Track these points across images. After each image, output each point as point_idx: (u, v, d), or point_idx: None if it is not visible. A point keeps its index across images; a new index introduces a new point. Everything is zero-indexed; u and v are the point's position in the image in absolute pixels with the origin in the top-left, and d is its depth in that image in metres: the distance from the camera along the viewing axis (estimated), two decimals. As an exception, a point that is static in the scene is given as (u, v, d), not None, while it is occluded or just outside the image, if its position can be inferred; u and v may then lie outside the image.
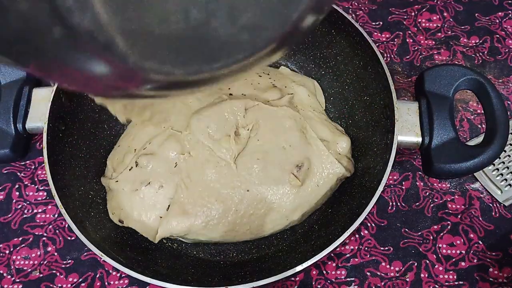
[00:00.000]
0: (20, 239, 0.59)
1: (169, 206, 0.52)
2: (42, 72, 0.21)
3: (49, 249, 0.58)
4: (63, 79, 0.22)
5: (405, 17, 0.71)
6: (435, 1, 0.72)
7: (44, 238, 0.59)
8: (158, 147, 0.55)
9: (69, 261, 0.57)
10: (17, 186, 0.62)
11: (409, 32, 0.70)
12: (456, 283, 0.55)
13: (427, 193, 0.60)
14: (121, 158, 0.57)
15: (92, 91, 0.24)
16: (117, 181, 0.54)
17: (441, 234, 0.58)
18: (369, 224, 0.59)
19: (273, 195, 0.53)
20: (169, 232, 0.52)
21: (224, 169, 0.53)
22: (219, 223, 0.52)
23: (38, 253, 0.58)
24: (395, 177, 0.61)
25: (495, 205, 0.59)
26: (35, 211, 0.60)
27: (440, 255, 0.57)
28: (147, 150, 0.55)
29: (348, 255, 0.57)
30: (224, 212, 0.52)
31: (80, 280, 0.56)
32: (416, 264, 0.56)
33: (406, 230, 0.58)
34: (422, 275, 0.56)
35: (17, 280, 0.56)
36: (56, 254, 0.58)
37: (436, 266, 0.56)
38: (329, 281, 0.56)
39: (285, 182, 0.53)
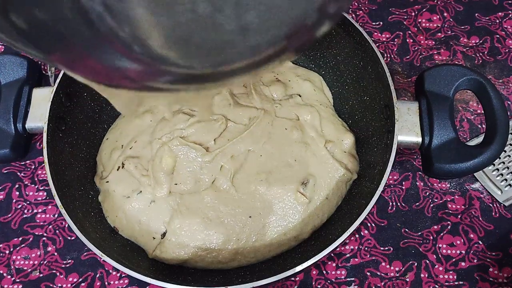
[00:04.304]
0: (20, 239, 0.59)
1: (164, 233, 0.51)
2: (65, 63, 0.22)
3: (49, 249, 0.58)
4: (84, 70, 0.23)
5: (405, 17, 0.71)
6: (435, 1, 0.72)
7: (44, 238, 0.59)
8: (142, 149, 0.53)
9: (69, 261, 0.57)
10: (17, 186, 0.62)
11: (409, 32, 0.70)
12: (456, 283, 0.55)
13: (427, 193, 0.60)
14: (108, 153, 0.56)
15: (108, 82, 0.24)
16: (107, 181, 0.54)
17: (441, 234, 0.58)
18: (369, 224, 0.59)
19: (280, 219, 0.51)
20: (164, 260, 0.51)
21: (223, 193, 0.51)
22: (219, 255, 0.50)
23: (38, 253, 0.58)
24: (395, 177, 0.61)
25: (495, 205, 0.59)
26: (35, 211, 0.60)
27: (440, 255, 0.57)
28: (133, 151, 0.54)
29: (348, 255, 0.57)
30: (224, 243, 0.50)
31: (80, 280, 0.56)
32: (416, 264, 0.56)
33: (406, 230, 0.58)
34: (422, 275, 0.56)
35: (17, 280, 0.56)
36: (56, 254, 0.58)
37: (436, 266, 0.56)
38: (329, 281, 0.56)
39: (291, 202, 0.51)
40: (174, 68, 0.21)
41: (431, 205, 0.59)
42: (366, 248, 0.57)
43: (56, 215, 0.60)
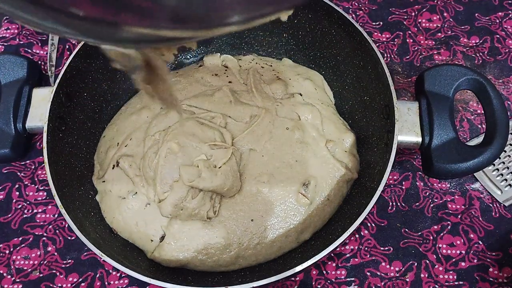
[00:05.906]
0: (20, 239, 0.59)
1: (163, 236, 0.50)
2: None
3: (49, 249, 0.58)
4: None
5: (405, 17, 0.71)
6: (435, 1, 0.72)
7: (44, 238, 0.59)
8: (137, 147, 0.52)
9: (69, 261, 0.57)
10: (17, 186, 0.62)
11: (409, 32, 0.70)
12: (456, 283, 0.55)
13: (427, 193, 0.60)
14: (104, 151, 0.55)
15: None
16: (103, 181, 0.53)
17: (441, 234, 0.58)
18: (369, 224, 0.59)
19: (281, 221, 0.50)
20: (163, 262, 0.50)
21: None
22: (220, 259, 0.49)
23: (38, 253, 0.58)
24: (395, 177, 0.61)
25: (495, 205, 0.59)
26: (35, 211, 0.60)
27: (440, 255, 0.57)
28: (128, 149, 0.53)
29: (348, 255, 0.57)
30: (226, 247, 0.49)
31: (80, 280, 0.56)
32: (416, 264, 0.56)
33: (406, 230, 0.58)
34: (422, 275, 0.56)
35: (17, 280, 0.56)
36: (56, 254, 0.58)
37: (436, 266, 0.56)
38: (329, 281, 0.56)
39: (293, 203, 0.50)
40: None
41: (431, 205, 0.59)
42: (366, 248, 0.57)
43: (56, 215, 0.60)
